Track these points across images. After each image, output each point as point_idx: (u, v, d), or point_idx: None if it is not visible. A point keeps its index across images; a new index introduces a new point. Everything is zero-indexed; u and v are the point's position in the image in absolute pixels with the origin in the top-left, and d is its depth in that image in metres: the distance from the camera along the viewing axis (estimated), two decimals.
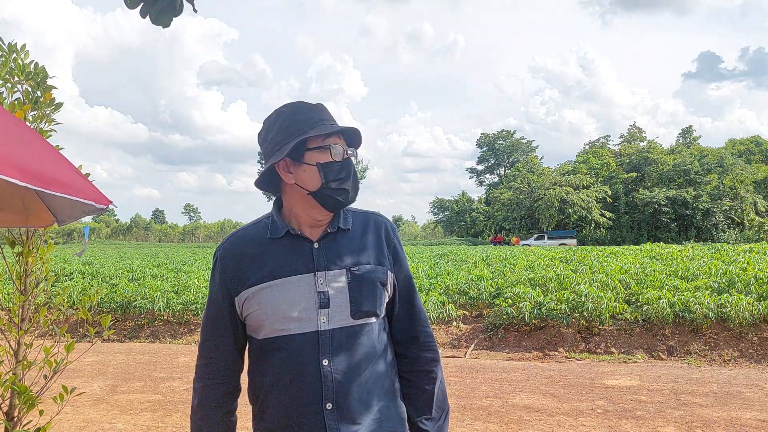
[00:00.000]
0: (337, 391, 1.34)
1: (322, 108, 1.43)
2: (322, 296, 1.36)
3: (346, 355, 1.36)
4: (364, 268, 1.40)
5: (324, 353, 1.34)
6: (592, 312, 7.58)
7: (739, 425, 4.38)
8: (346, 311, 1.37)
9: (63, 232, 69.36)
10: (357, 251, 1.43)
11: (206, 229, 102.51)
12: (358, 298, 1.38)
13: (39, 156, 1.68)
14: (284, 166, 1.40)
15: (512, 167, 64.81)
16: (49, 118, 2.58)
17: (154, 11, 1.93)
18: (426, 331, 1.52)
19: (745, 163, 53.43)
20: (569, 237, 47.05)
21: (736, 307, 7.12)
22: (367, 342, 1.39)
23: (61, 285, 10.98)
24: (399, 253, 1.50)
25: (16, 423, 2.53)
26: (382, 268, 1.43)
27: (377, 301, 1.40)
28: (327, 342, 1.35)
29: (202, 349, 1.45)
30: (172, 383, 5.86)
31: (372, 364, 1.39)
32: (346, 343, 1.36)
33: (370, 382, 1.38)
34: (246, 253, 1.42)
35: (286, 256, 1.40)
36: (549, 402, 5.05)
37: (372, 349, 1.40)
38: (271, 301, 1.37)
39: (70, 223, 2.21)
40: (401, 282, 1.49)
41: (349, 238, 1.44)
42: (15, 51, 2.47)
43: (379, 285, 1.41)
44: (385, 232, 1.49)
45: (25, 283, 2.64)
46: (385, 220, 1.53)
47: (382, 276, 1.42)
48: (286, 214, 1.46)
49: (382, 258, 1.45)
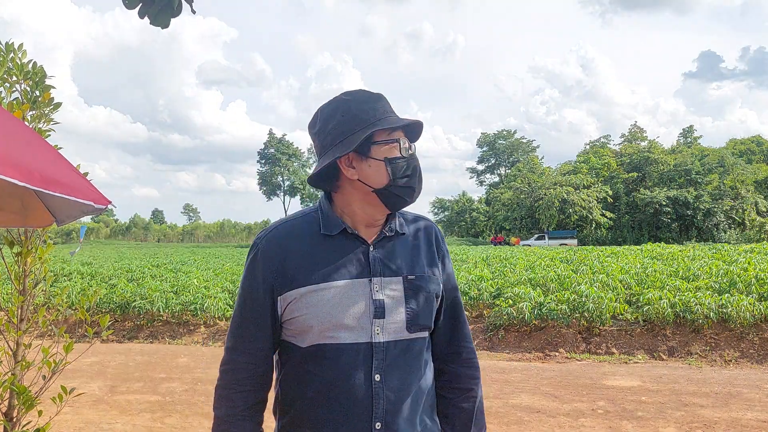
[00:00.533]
0: (387, 410, 1.23)
1: (385, 99, 1.32)
2: (377, 305, 1.25)
3: (400, 371, 1.25)
4: (420, 277, 1.31)
5: (377, 368, 1.23)
6: (592, 312, 7.57)
7: (740, 426, 4.37)
8: (402, 323, 1.26)
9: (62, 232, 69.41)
10: (411, 258, 1.33)
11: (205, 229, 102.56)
12: (415, 309, 1.28)
13: (38, 156, 1.67)
14: (346, 161, 1.27)
15: (513, 167, 64.85)
16: (48, 117, 2.57)
17: (153, 11, 1.92)
18: (469, 347, 1.43)
19: (746, 163, 53.47)
20: (570, 237, 47.06)
21: (737, 307, 7.11)
22: (419, 357, 1.30)
23: (60, 285, 10.97)
24: (447, 261, 1.41)
25: (15, 423, 2.53)
26: (435, 278, 1.34)
27: (432, 313, 1.32)
28: (381, 356, 1.24)
29: (233, 352, 1.30)
30: (171, 384, 5.86)
31: (420, 381, 1.30)
32: (400, 357, 1.26)
33: (417, 400, 1.29)
34: (294, 248, 1.28)
35: (341, 257, 1.28)
36: (549, 402, 5.04)
37: (422, 365, 1.31)
38: (323, 305, 1.24)
39: (69, 223, 2.20)
40: (448, 293, 1.40)
41: (404, 243, 1.33)
42: (12, 50, 2.47)
43: (434, 296, 1.32)
44: (436, 239, 1.40)
45: (24, 283, 2.63)
46: (435, 225, 1.43)
47: (437, 287, 1.33)
48: (338, 211, 1.32)
49: (434, 266, 1.35)
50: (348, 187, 1.29)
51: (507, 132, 69.49)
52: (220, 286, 10.56)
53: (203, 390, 5.59)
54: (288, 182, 73.50)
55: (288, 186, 73.60)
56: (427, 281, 1.31)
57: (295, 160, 73.97)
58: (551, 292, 8.87)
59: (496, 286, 9.88)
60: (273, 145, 73.13)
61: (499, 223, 57.45)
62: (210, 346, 8.23)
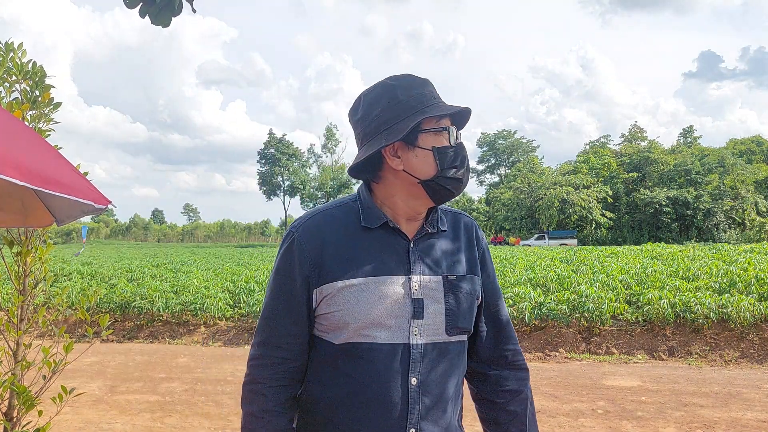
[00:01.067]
0: (422, 416, 1.17)
1: (431, 84, 1.24)
2: (416, 304, 1.18)
3: (437, 375, 1.19)
4: (460, 277, 1.24)
5: (414, 371, 1.17)
6: (592, 312, 7.57)
7: (740, 426, 4.37)
8: (441, 325, 1.19)
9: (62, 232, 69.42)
10: (452, 256, 1.26)
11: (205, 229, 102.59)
12: (455, 311, 1.21)
13: (38, 156, 1.67)
14: (391, 150, 1.19)
15: (513, 167, 64.84)
16: (48, 117, 2.58)
17: (153, 11, 1.93)
18: (515, 348, 1.35)
19: (746, 163, 53.46)
20: (570, 237, 47.05)
21: (737, 307, 7.11)
22: (457, 362, 1.24)
23: (60, 285, 10.97)
24: (487, 259, 1.34)
25: (15, 423, 2.53)
26: (476, 278, 1.27)
27: (472, 316, 1.25)
28: (418, 358, 1.18)
29: (265, 347, 1.22)
30: (171, 384, 5.86)
31: (456, 386, 1.25)
32: (438, 361, 1.20)
33: (450, 407, 1.23)
34: (331, 239, 1.21)
35: (381, 252, 1.20)
36: (549, 402, 5.04)
37: (460, 369, 1.26)
38: (360, 301, 1.17)
39: (69, 223, 2.20)
40: (489, 292, 1.33)
41: (445, 241, 1.26)
42: (12, 50, 2.47)
43: (474, 298, 1.25)
44: (476, 236, 1.32)
45: (24, 283, 2.63)
46: (475, 222, 1.36)
47: (477, 288, 1.27)
48: (378, 203, 1.25)
49: (474, 265, 1.28)
50: (391, 177, 1.22)
51: (507, 132, 69.50)
52: (220, 286, 10.56)
53: (203, 390, 5.60)
54: (288, 182, 73.47)
55: (288, 186, 73.57)
56: (468, 282, 1.24)
57: (295, 160, 73.95)
58: (551, 292, 8.87)
59: None
60: (273, 145, 73.11)
61: (499, 223, 57.44)
62: (210, 346, 8.24)
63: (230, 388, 5.67)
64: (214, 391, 5.56)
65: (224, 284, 10.75)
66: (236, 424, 4.59)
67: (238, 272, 13.03)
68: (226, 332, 8.80)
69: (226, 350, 7.85)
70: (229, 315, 9.16)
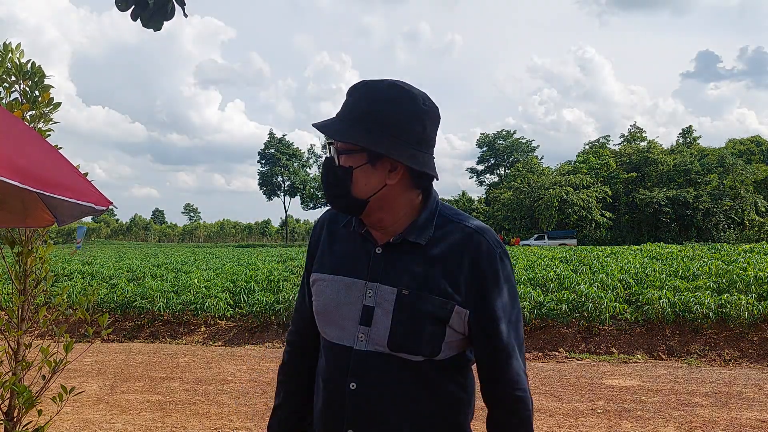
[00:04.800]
0: (359, 422, 1.18)
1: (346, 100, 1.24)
2: (366, 311, 1.19)
3: (381, 386, 1.17)
4: (415, 295, 1.16)
5: (353, 375, 1.18)
6: (592, 312, 7.58)
7: (739, 425, 4.37)
8: (385, 337, 1.17)
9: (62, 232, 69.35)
10: (421, 271, 1.18)
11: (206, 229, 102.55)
12: (399, 327, 1.16)
13: (39, 157, 1.68)
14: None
15: (512, 167, 64.82)
16: (47, 117, 2.58)
17: (145, 15, 1.94)
18: (515, 395, 1.19)
19: (746, 163, 53.43)
20: (569, 237, 47.01)
21: (736, 307, 7.11)
22: (410, 379, 1.17)
23: (61, 285, 10.97)
24: (489, 289, 1.17)
25: (16, 423, 2.53)
26: (442, 300, 1.16)
27: (421, 338, 1.15)
28: (359, 364, 1.18)
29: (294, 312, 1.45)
30: (171, 383, 5.86)
31: (414, 403, 1.18)
32: (382, 372, 1.17)
33: (404, 424, 1.18)
34: (329, 231, 1.32)
35: (353, 254, 1.25)
36: (549, 402, 5.05)
37: (417, 387, 1.18)
38: (324, 297, 1.25)
39: (69, 223, 2.21)
40: (483, 329, 1.18)
41: (418, 254, 1.19)
42: (10, 51, 2.47)
43: (428, 320, 1.15)
44: (476, 258, 1.17)
45: (25, 283, 2.64)
46: (488, 243, 1.19)
47: (439, 310, 1.16)
48: None
49: (454, 288, 1.16)
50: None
51: (507, 132, 69.49)
52: (221, 285, 10.55)
53: (203, 390, 5.60)
54: (288, 182, 73.48)
55: (288, 186, 73.58)
56: (428, 302, 1.16)
57: (296, 160, 73.94)
58: (551, 292, 8.87)
59: None
60: (273, 146, 73.14)
61: (498, 223, 57.41)
62: (210, 346, 8.24)
63: (230, 388, 5.67)
64: (215, 391, 5.56)
65: (225, 284, 10.75)
66: (237, 423, 4.59)
67: (238, 272, 13.03)
68: (226, 332, 8.81)
69: (226, 350, 7.85)
70: (230, 315, 9.16)
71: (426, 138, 1.18)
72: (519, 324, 1.22)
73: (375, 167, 1.16)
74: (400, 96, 1.16)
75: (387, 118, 1.14)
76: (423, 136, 1.17)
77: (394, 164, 1.16)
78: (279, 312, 8.54)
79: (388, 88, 1.17)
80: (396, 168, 1.17)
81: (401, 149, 1.14)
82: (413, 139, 1.16)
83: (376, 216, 1.21)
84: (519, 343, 1.21)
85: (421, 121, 1.17)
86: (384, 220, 1.21)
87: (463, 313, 1.17)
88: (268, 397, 5.33)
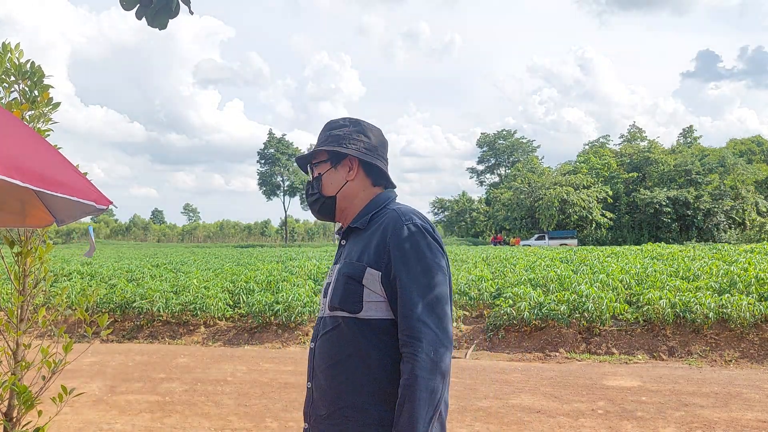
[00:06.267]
0: (314, 375, 1.48)
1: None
2: (327, 286, 1.53)
3: (323, 343, 1.47)
4: (347, 263, 1.47)
5: (314, 337, 1.52)
6: (592, 312, 7.57)
7: (740, 426, 4.37)
8: (328, 302, 1.48)
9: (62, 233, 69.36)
10: (359, 249, 1.48)
11: (205, 229, 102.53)
12: (333, 290, 1.47)
13: (39, 156, 1.67)
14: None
15: (513, 167, 64.80)
16: (47, 117, 2.57)
17: (150, 13, 1.92)
18: (407, 325, 1.35)
19: (747, 163, 53.42)
20: (570, 237, 46.99)
21: (737, 307, 7.10)
22: (339, 336, 1.44)
23: (60, 285, 10.97)
24: (396, 255, 1.40)
25: (15, 423, 2.52)
26: (360, 265, 1.44)
27: (342, 296, 1.43)
28: (318, 328, 1.52)
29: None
30: (171, 384, 5.85)
31: (345, 359, 1.41)
32: (324, 331, 1.48)
33: (340, 376, 1.41)
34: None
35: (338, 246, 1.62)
36: (549, 403, 5.04)
37: (344, 343, 1.42)
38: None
39: (69, 223, 2.20)
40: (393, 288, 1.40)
41: (360, 237, 1.51)
42: (10, 51, 2.46)
43: (348, 280, 1.43)
44: (388, 230, 1.45)
45: (24, 283, 2.63)
46: (400, 219, 1.45)
47: (355, 271, 1.43)
48: None
49: (369, 254, 1.44)
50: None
51: (507, 132, 69.47)
52: (220, 286, 10.55)
53: (203, 390, 5.59)
54: (288, 182, 73.45)
55: (288, 186, 73.55)
56: (348, 266, 1.46)
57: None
58: (551, 292, 8.86)
59: (496, 286, 9.88)
60: (273, 145, 73.09)
61: (499, 223, 57.40)
62: (210, 346, 8.23)
63: (230, 388, 5.67)
64: (214, 391, 5.56)
65: (224, 284, 10.74)
66: (236, 424, 4.59)
67: (238, 272, 13.02)
68: (225, 332, 8.80)
69: (226, 350, 7.85)
70: (229, 315, 9.16)
71: (374, 147, 1.59)
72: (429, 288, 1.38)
73: (337, 169, 1.57)
74: (351, 122, 1.60)
75: (341, 135, 1.57)
76: (371, 144, 1.58)
77: (352, 165, 1.57)
78: (278, 312, 8.53)
79: (341, 119, 1.62)
80: (353, 167, 1.56)
81: (353, 149, 1.55)
82: (362, 146, 1.57)
83: (344, 213, 1.59)
84: (427, 303, 1.36)
85: (366, 134, 1.59)
86: (347, 210, 1.59)
87: (375, 274, 1.42)
88: (268, 397, 5.33)
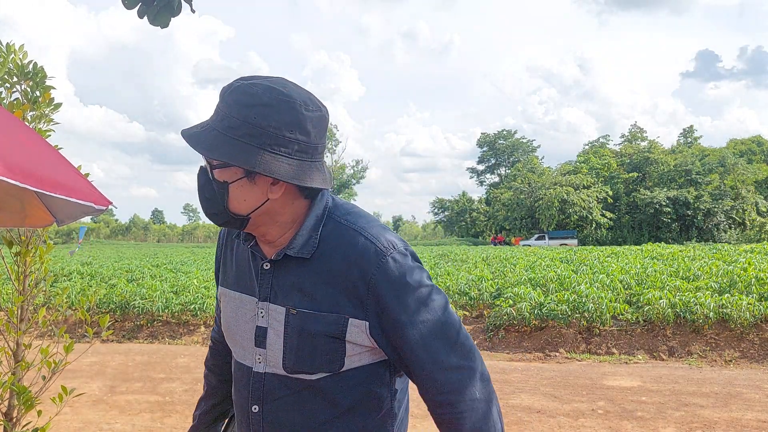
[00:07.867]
0: None
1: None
2: (259, 332, 1.11)
3: (282, 409, 1.11)
4: (308, 315, 1.06)
5: (254, 398, 1.13)
6: (592, 312, 7.57)
7: (740, 426, 4.37)
8: (280, 360, 1.09)
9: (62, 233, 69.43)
10: (309, 286, 1.07)
11: (205, 229, 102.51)
12: (291, 350, 1.08)
13: (39, 157, 1.67)
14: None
15: (513, 167, 64.80)
16: (48, 118, 2.58)
17: (152, 12, 1.93)
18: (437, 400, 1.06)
19: (747, 163, 53.42)
20: (570, 237, 47.01)
21: (737, 307, 7.11)
22: (314, 399, 1.10)
23: (60, 285, 10.97)
24: (384, 295, 1.04)
25: (15, 423, 2.53)
26: (333, 316, 1.05)
27: (316, 359, 1.07)
28: (258, 387, 1.12)
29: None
30: (171, 384, 5.85)
31: (323, 424, 1.11)
32: (282, 394, 1.11)
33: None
34: (230, 240, 1.24)
35: (245, 267, 1.16)
36: (549, 403, 5.04)
37: (322, 405, 1.10)
38: (226, 313, 1.20)
39: (69, 223, 2.20)
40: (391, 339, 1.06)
41: (307, 267, 1.08)
42: (13, 51, 2.47)
43: (321, 338, 1.06)
44: (362, 264, 1.04)
45: (24, 283, 2.63)
46: (375, 247, 1.06)
47: (332, 327, 1.05)
48: None
49: (344, 300, 1.05)
50: None
51: (507, 132, 69.45)
52: None
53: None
54: None
55: None
56: (313, 321, 1.06)
57: None
58: (551, 292, 8.87)
59: (496, 286, 9.88)
60: None
61: (499, 223, 57.42)
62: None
63: None
64: None
65: None
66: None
67: None
68: None
69: None
70: None
71: (310, 146, 1.04)
72: (441, 324, 1.06)
73: (254, 182, 1.03)
74: (278, 102, 1.01)
75: (263, 130, 0.99)
76: (306, 144, 1.03)
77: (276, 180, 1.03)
78: None
79: (264, 93, 1.01)
80: (278, 182, 1.03)
81: (281, 163, 1.00)
82: (295, 149, 1.01)
83: (260, 230, 1.10)
84: (446, 342, 1.06)
85: (304, 129, 1.02)
86: (269, 233, 1.10)
87: (361, 324, 1.06)
88: None
